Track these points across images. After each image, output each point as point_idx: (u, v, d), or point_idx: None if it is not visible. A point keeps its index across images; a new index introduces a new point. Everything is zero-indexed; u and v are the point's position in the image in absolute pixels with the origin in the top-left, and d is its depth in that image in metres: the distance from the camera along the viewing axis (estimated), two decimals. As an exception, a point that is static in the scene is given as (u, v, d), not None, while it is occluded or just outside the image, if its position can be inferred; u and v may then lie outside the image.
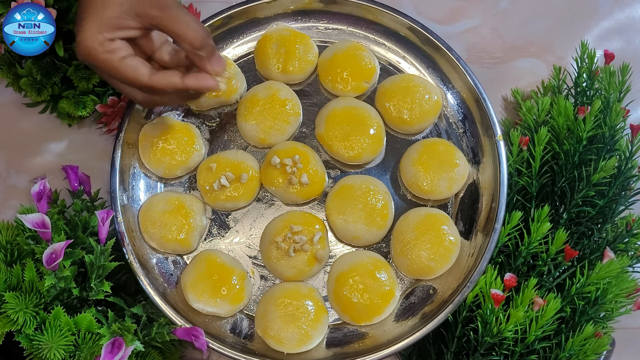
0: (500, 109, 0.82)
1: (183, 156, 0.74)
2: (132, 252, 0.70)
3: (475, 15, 0.85)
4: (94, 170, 0.75)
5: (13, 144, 0.80)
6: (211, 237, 0.74)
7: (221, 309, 0.70)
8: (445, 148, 0.73)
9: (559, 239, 0.67)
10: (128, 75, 0.59)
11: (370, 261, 0.70)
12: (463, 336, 0.68)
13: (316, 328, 0.69)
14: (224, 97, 0.76)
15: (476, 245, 0.71)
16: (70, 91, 0.73)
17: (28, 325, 0.59)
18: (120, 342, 0.60)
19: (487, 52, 0.84)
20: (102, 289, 0.63)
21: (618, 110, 0.73)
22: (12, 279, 0.62)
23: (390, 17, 0.77)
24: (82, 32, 0.57)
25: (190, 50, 0.60)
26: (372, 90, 0.78)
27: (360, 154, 0.73)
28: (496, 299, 0.64)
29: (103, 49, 0.58)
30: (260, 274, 0.73)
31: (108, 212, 0.66)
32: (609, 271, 0.65)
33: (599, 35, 0.85)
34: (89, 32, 0.57)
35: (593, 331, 0.65)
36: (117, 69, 0.59)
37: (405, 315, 0.71)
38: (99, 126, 0.79)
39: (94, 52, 0.58)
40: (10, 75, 0.73)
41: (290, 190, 0.72)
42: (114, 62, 0.58)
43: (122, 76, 0.59)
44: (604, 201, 0.71)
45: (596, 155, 0.72)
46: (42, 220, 0.62)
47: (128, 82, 0.60)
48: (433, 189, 0.72)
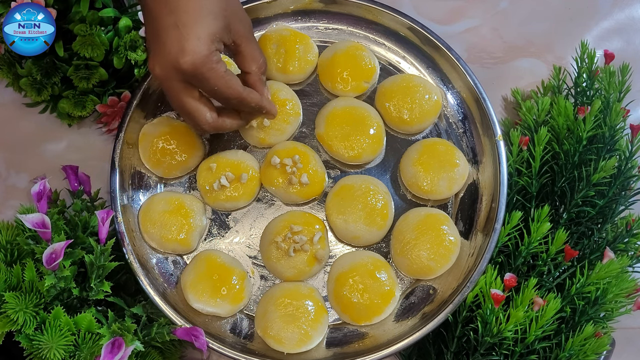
0: (500, 109, 0.82)
1: (183, 156, 0.74)
2: (132, 252, 0.70)
3: (475, 15, 0.85)
4: (94, 170, 0.75)
5: (13, 144, 0.80)
6: (211, 237, 0.74)
7: (221, 309, 0.70)
8: (445, 148, 0.73)
9: (559, 239, 0.67)
10: (230, 84, 0.60)
11: (370, 261, 0.70)
12: (463, 336, 0.68)
13: (316, 328, 0.69)
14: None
15: (476, 245, 0.71)
16: (70, 91, 0.73)
17: (28, 325, 0.59)
18: (120, 342, 0.60)
19: (487, 52, 0.84)
20: (102, 289, 0.63)
21: (618, 110, 0.73)
22: (12, 279, 0.62)
23: (390, 17, 0.76)
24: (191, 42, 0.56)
25: (256, 72, 0.64)
26: (372, 90, 0.78)
27: (360, 154, 0.73)
28: (496, 299, 0.64)
29: (215, 58, 0.58)
30: (260, 274, 0.73)
31: (108, 212, 0.66)
32: (609, 271, 0.65)
33: (599, 35, 0.85)
34: (204, 42, 0.56)
35: (593, 331, 0.65)
36: (223, 78, 0.59)
37: (405, 315, 0.71)
38: (99, 126, 0.79)
39: (208, 61, 0.57)
40: (10, 75, 0.73)
41: (290, 190, 0.72)
42: (221, 72, 0.58)
43: (225, 86, 0.59)
44: (604, 201, 0.71)
45: (596, 155, 0.72)
46: (42, 220, 0.62)
47: (227, 93, 0.60)
48: (433, 189, 0.72)
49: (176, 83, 0.59)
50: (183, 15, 0.56)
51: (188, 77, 0.58)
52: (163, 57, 0.57)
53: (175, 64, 0.56)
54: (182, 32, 0.56)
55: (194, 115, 0.62)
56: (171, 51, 0.56)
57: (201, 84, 0.59)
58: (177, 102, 0.61)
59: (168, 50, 0.56)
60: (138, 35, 0.72)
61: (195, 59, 0.56)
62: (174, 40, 0.56)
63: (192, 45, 0.56)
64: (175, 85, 0.59)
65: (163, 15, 0.56)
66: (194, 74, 0.57)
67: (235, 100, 0.62)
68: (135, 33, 0.72)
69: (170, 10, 0.56)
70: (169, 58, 0.56)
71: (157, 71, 0.58)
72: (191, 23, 0.56)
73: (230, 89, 0.60)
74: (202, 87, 0.60)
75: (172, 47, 0.56)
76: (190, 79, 0.58)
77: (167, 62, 0.57)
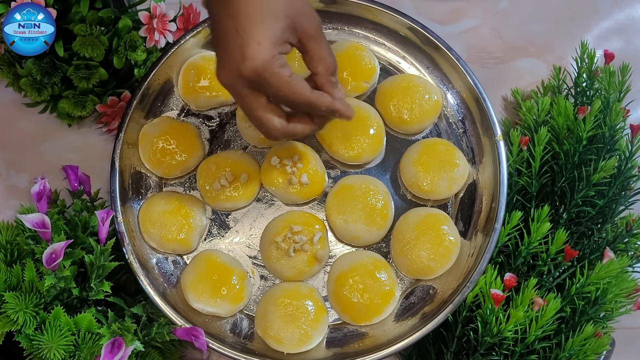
0: (500, 109, 0.82)
1: (183, 156, 0.74)
2: (132, 252, 0.70)
3: (475, 15, 0.85)
4: (94, 170, 0.75)
5: (13, 144, 0.80)
6: (211, 237, 0.74)
7: (221, 309, 0.70)
8: (445, 148, 0.73)
9: (559, 239, 0.67)
10: (296, 89, 0.57)
11: (370, 261, 0.70)
12: (463, 336, 0.68)
13: (316, 328, 0.69)
14: (224, 97, 0.76)
15: (476, 245, 0.71)
16: (70, 91, 0.73)
17: (28, 325, 0.59)
18: (120, 342, 0.60)
19: (487, 52, 0.84)
20: (102, 289, 0.63)
21: (618, 110, 0.73)
22: (12, 279, 0.62)
23: (390, 17, 0.76)
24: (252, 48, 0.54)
25: (324, 74, 0.60)
26: (372, 90, 0.78)
27: (360, 154, 0.73)
28: (496, 299, 0.64)
29: (278, 62, 0.55)
30: (260, 274, 0.73)
31: (108, 212, 0.66)
32: (609, 271, 0.65)
33: (599, 35, 0.85)
34: (264, 46, 0.54)
35: (593, 331, 0.65)
36: (288, 83, 0.56)
37: (405, 315, 0.71)
38: (99, 126, 0.79)
39: (270, 66, 0.55)
40: (10, 75, 0.73)
41: (290, 190, 0.72)
42: (285, 77, 0.56)
43: (290, 91, 0.57)
44: (604, 201, 0.71)
45: (596, 155, 0.72)
46: (42, 220, 0.62)
47: (293, 98, 0.57)
48: (433, 189, 0.72)
49: (242, 90, 0.57)
50: (243, 20, 0.54)
51: (252, 83, 0.56)
52: (227, 64, 0.55)
53: (237, 71, 0.55)
54: (242, 37, 0.54)
55: (262, 122, 0.59)
56: (233, 58, 0.55)
57: (266, 89, 0.57)
58: (245, 109, 0.59)
59: (230, 57, 0.55)
60: (138, 35, 0.72)
61: (256, 65, 0.54)
62: (235, 47, 0.54)
63: (252, 51, 0.54)
64: (241, 92, 0.57)
65: (224, 20, 0.55)
66: (257, 80, 0.55)
67: (304, 105, 0.58)
68: (135, 33, 0.72)
69: (230, 15, 0.55)
70: (232, 65, 0.55)
71: (223, 79, 0.57)
72: (251, 28, 0.54)
73: (296, 94, 0.57)
74: (267, 92, 0.57)
75: (234, 53, 0.54)
76: (255, 85, 0.56)
77: (231, 70, 0.55)
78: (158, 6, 0.72)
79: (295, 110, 0.60)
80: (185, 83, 0.76)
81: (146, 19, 0.72)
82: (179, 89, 0.77)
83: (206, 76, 0.75)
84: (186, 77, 0.76)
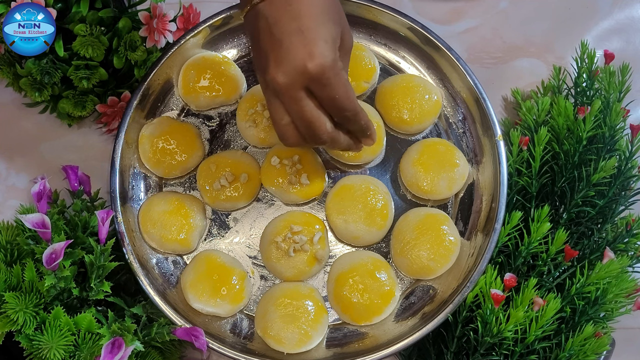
0: (500, 109, 0.82)
1: (183, 156, 0.74)
2: (132, 252, 0.70)
3: (475, 15, 0.85)
4: (94, 170, 0.75)
5: (13, 144, 0.80)
6: (211, 237, 0.74)
7: (221, 309, 0.70)
8: (445, 148, 0.73)
9: (559, 239, 0.67)
10: (349, 96, 0.57)
11: (370, 261, 0.70)
12: (463, 336, 0.68)
13: (316, 328, 0.69)
14: (224, 97, 0.76)
15: (476, 245, 0.71)
16: (70, 91, 0.73)
17: (28, 325, 0.59)
18: (120, 342, 0.60)
19: (487, 52, 0.84)
20: (102, 289, 0.63)
21: (618, 110, 0.73)
22: (12, 279, 0.62)
23: (390, 17, 0.76)
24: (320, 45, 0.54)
25: None
26: (372, 90, 0.78)
27: (360, 154, 0.73)
28: (496, 299, 0.64)
29: (339, 64, 0.55)
30: (260, 274, 0.73)
31: (108, 212, 0.66)
32: (609, 271, 0.65)
33: (599, 35, 0.85)
34: (331, 46, 0.55)
35: (593, 331, 0.65)
36: (345, 86, 0.56)
37: (405, 315, 0.71)
38: (99, 126, 0.79)
39: (335, 66, 0.55)
40: (10, 75, 0.73)
41: (290, 190, 0.72)
42: (344, 81, 0.56)
43: (345, 95, 0.56)
44: (604, 201, 0.71)
45: (596, 155, 0.72)
46: (42, 220, 0.62)
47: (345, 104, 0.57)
48: (433, 189, 0.72)
49: (299, 91, 0.56)
50: (307, 20, 0.54)
51: (313, 82, 0.55)
52: (287, 63, 0.54)
53: (302, 69, 0.54)
54: (307, 36, 0.54)
55: (314, 123, 0.58)
56: (297, 56, 0.54)
57: (323, 90, 0.56)
58: (298, 110, 0.57)
59: (293, 56, 0.54)
60: (138, 35, 0.72)
61: (324, 62, 0.54)
62: (299, 45, 0.54)
63: (320, 48, 0.54)
64: (297, 93, 0.56)
65: (284, 21, 0.55)
66: (320, 77, 0.54)
67: (351, 113, 0.58)
68: (135, 33, 0.72)
69: (292, 17, 0.54)
70: (295, 63, 0.54)
71: (280, 79, 0.55)
72: (317, 28, 0.54)
73: (349, 99, 0.57)
74: (322, 94, 0.56)
75: (298, 52, 0.54)
76: (314, 85, 0.55)
77: (293, 68, 0.54)
78: (158, 6, 0.72)
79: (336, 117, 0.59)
80: (185, 83, 0.76)
81: (146, 19, 0.72)
82: (179, 89, 0.77)
83: (206, 76, 0.75)
84: (186, 77, 0.76)
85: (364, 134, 0.62)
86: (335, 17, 0.57)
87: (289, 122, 0.59)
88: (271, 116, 0.59)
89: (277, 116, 0.59)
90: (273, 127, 0.61)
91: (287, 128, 0.59)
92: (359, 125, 0.61)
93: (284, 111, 0.58)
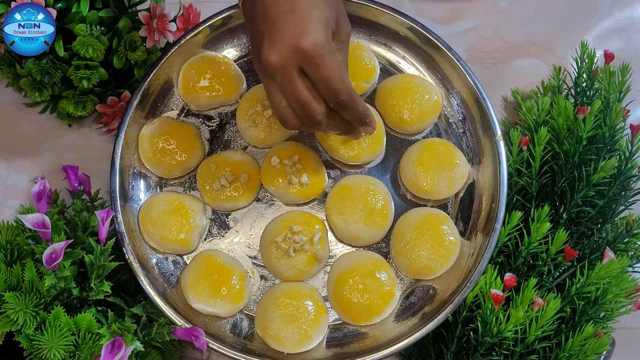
0: (500, 109, 0.82)
1: (183, 156, 0.74)
2: (132, 252, 0.70)
3: (475, 15, 0.85)
4: (94, 170, 0.75)
5: (13, 144, 0.80)
6: (211, 237, 0.74)
7: (221, 309, 0.70)
8: (445, 148, 0.73)
9: (559, 239, 0.67)
10: (343, 78, 0.56)
11: (370, 261, 0.70)
12: (463, 336, 0.68)
13: (316, 328, 0.69)
14: (224, 97, 0.76)
15: (476, 245, 0.71)
16: (70, 91, 0.73)
17: (28, 325, 0.59)
18: (120, 342, 0.60)
19: (487, 52, 0.84)
20: (102, 289, 0.63)
21: (618, 110, 0.73)
22: (12, 279, 0.62)
23: (390, 17, 0.76)
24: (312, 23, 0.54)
25: None
26: (372, 90, 0.78)
27: (360, 154, 0.73)
28: (496, 299, 0.64)
29: (332, 45, 0.56)
30: (260, 274, 0.73)
31: (108, 212, 0.66)
32: (609, 271, 0.65)
33: (599, 35, 0.85)
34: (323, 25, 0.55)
35: (593, 331, 0.65)
36: (339, 68, 0.56)
37: (405, 315, 0.71)
38: (99, 126, 0.79)
39: (328, 44, 0.55)
40: (10, 75, 0.73)
41: (290, 190, 0.72)
42: (337, 61, 0.56)
43: (339, 77, 0.56)
44: (604, 201, 0.71)
45: (596, 155, 0.72)
46: (42, 220, 0.62)
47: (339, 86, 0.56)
48: (433, 189, 0.72)
49: (292, 70, 0.56)
50: (300, 1, 0.55)
51: (305, 60, 0.55)
52: (280, 42, 0.55)
53: (294, 46, 0.54)
54: (300, 15, 0.54)
55: (309, 104, 0.57)
56: (289, 35, 0.54)
57: (316, 69, 0.55)
58: (292, 90, 0.57)
59: (286, 34, 0.54)
60: (138, 35, 0.72)
61: (316, 39, 0.54)
62: (292, 24, 0.54)
63: (312, 25, 0.54)
64: (291, 72, 0.56)
65: (278, 3, 0.55)
66: (314, 55, 0.54)
67: (347, 97, 0.57)
68: (135, 33, 0.72)
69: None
70: (288, 41, 0.54)
71: (273, 58, 0.55)
72: (310, 7, 0.55)
73: (343, 82, 0.57)
74: (315, 73, 0.56)
75: (291, 30, 0.54)
76: (307, 63, 0.55)
77: (285, 46, 0.54)
78: (158, 6, 0.72)
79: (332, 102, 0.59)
80: (185, 83, 0.76)
81: (146, 19, 0.72)
82: (179, 89, 0.77)
83: (206, 76, 0.75)
84: (186, 77, 0.76)
85: (362, 122, 0.62)
86: (329, 2, 0.57)
87: (287, 105, 0.59)
88: (269, 101, 0.59)
89: (276, 100, 0.59)
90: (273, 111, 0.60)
91: (286, 111, 0.59)
92: (356, 112, 0.60)
93: (281, 94, 0.58)
